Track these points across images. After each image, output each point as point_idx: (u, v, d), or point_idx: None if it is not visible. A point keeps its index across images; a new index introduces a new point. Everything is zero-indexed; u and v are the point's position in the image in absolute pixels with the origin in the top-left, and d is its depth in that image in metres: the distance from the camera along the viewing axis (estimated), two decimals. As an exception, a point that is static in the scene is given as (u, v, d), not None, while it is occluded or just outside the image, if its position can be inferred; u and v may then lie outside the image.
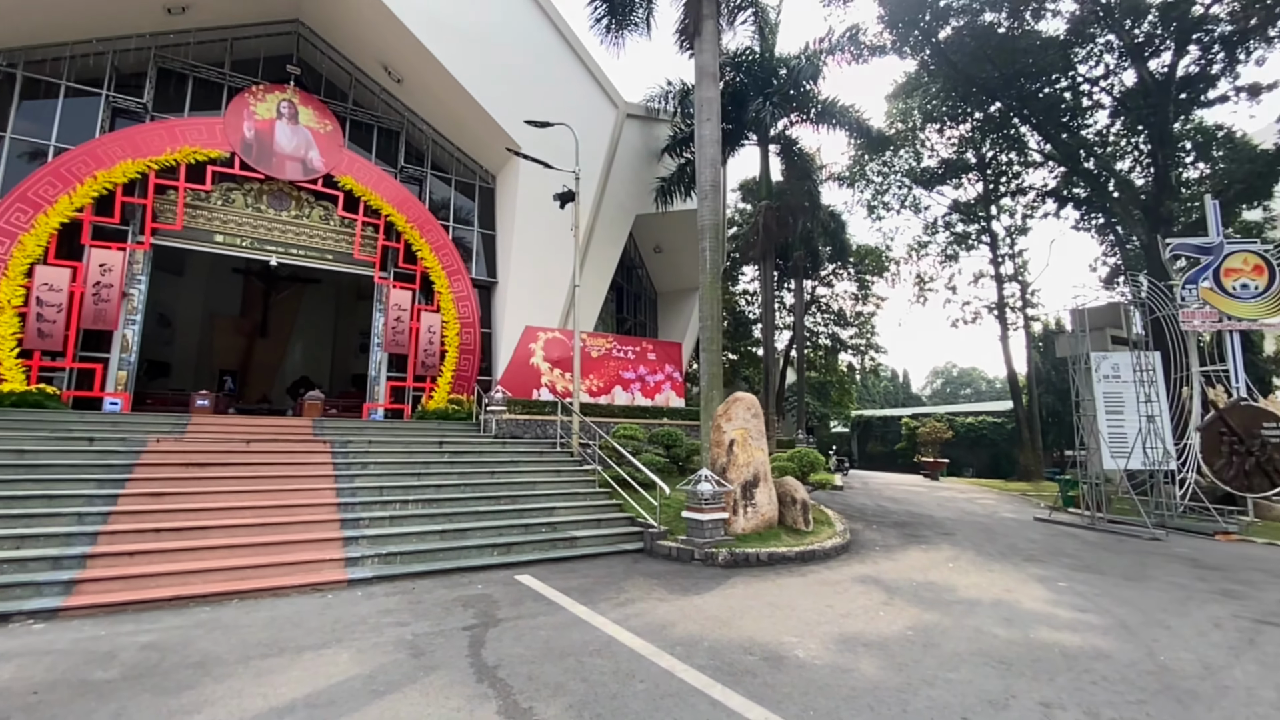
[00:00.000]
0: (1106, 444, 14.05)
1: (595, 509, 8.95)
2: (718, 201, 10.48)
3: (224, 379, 24.05)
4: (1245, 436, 13.28)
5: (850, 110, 22.85)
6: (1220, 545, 10.05)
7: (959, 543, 8.92)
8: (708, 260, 10.46)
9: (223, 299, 24.60)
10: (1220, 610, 5.85)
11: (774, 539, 7.94)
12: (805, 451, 9.67)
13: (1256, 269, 13.78)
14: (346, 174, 19.34)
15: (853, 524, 9.96)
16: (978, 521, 11.41)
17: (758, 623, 5.22)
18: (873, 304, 43.08)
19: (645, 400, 18.60)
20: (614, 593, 6.11)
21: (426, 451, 9.87)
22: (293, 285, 25.80)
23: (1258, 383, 31.02)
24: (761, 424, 8.49)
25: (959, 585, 6.57)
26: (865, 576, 6.88)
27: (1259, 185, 16.13)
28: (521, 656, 4.37)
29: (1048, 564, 7.72)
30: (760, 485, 8.27)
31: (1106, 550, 8.87)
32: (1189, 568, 7.78)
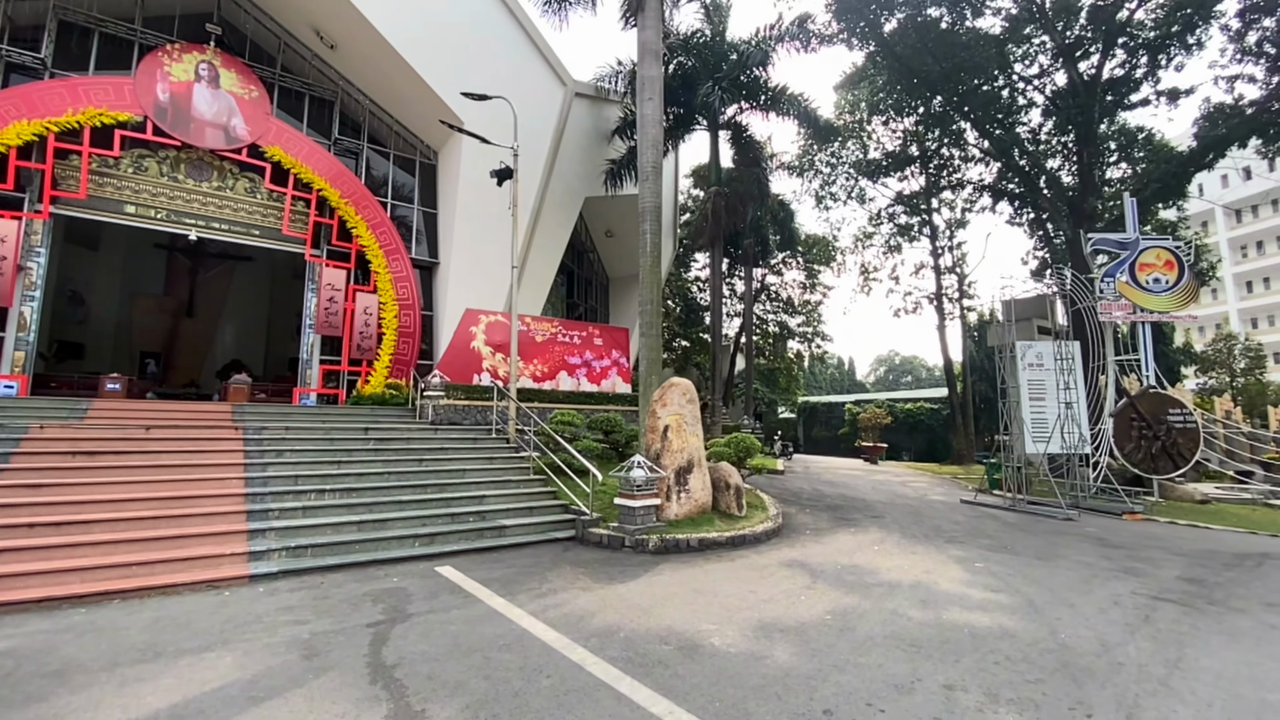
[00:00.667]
0: (1029, 429, 14.71)
1: (528, 497, 8.72)
2: (659, 184, 10.29)
3: (146, 361, 22.52)
4: (1153, 422, 14.12)
5: (799, 99, 22.97)
6: (1127, 524, 10.65)
7: (887, 525, 9.13)
8: (648, 243, 10.28)
9: (144, 276, 22.93)
10: (1121, 588, 6.13)
11: (707, 524, 7.91)
12: (742, 436, 9.68)
13: (1168, 264, 14.59)
14: (274, 144, 18.25)
15: (787, 508, 10.07)
16: (907, 504, 11.74)
17: (679, 611, 5.13)
18: (820, 293, 44.01)
19: (591, 386, 18.38)
20: (537, 583, 5.93)
21: (350, 439, 9.40)
22: (223, 263, 24.25)
23: (1168, 372, 33.31)
24: (697, 409, 8.42)
25: (882, 568, 6.68)
26: (792, 560, 6.91)
27: (1173, 185, 17.08)
28: (425, 654, 4.14)
29: (967, 545, 7.97)
30: (694, 471, 8.21)
31: (1023, 531, 9.25)
32: (1096, 547, 8.18)
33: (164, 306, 23.27)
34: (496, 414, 11.65)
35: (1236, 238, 55.49)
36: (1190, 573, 6.87)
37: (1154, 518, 11.39)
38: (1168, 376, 31.85)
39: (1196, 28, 18.91)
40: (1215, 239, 55.34)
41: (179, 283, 23.54)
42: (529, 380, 17.27)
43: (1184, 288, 14.49)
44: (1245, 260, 54.82)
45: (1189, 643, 4.60)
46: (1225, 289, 55.12)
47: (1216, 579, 6.62)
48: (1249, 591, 6.12)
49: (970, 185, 24.64)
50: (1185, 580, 6.50)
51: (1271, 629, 4.97)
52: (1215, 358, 31.77)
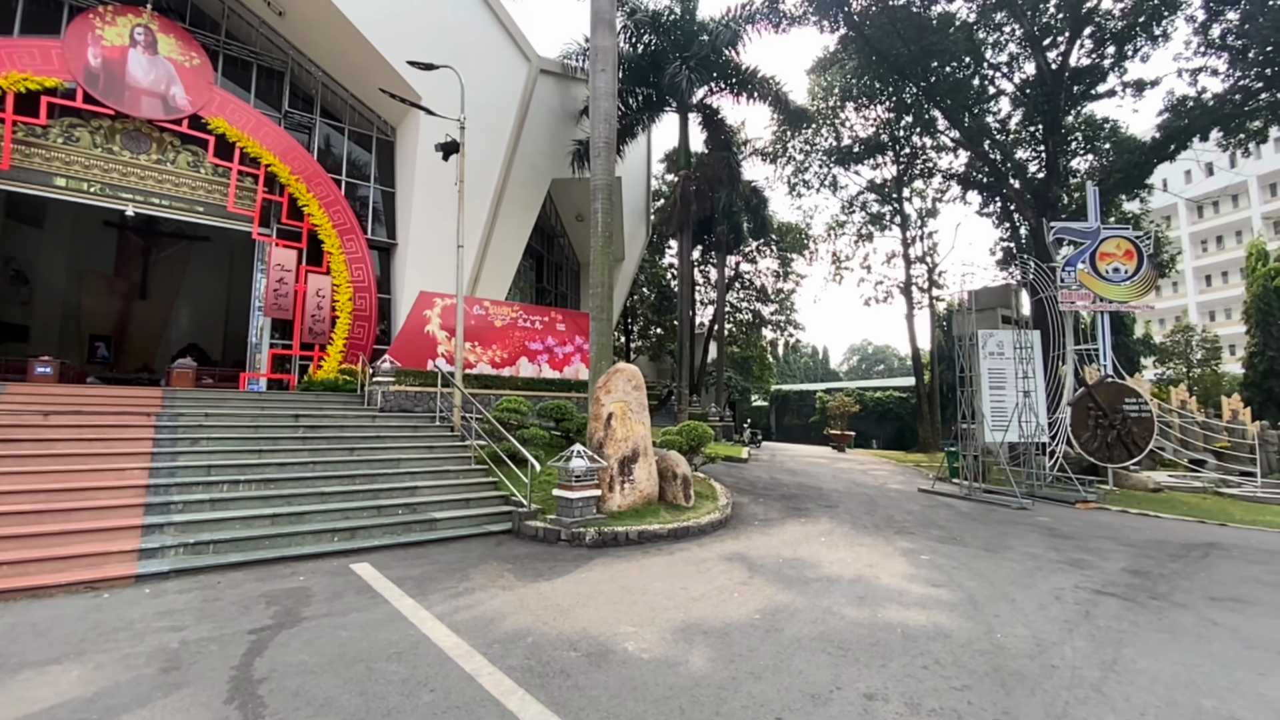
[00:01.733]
0: (989, 418, 14.69)
1: (467, 488, 8.30)
2: (611, 160, 9.84)
3: (96, 345, 21.47)
4: (1109, 411, 14.18)
5: (771, 82, 22.58)
6: (1079, 513, 10.62)
7: (838, 515, 8.92)
8: (599, 223, 9.84)
9: (94, 255, 21.79)
10: (1065, 581, 5.95)
11: (651, 516, 7.59)
12: (694, 425, 9.36)
13: (1128, 254, 14.60)
14: (218, 115, 17.32)
15: (740, 498, 9.81)
16: (864, 493, 11.59)
17: (600, 611, 4.79)
18: (793, 281, 43.94)
19: (553, 373, 17.91)
20: (456, 581, 5.53)
21: (279, 426, 8.84)
22: (178, 242, 23.16)
23: (1128, 363, 33.93)
24: (644, 396, 8.06)
25: (825, 561, 6.43)
26: (734, 554, 6.62)
27: (1135, 175, 17.12)
28: (301, 666, 3.72)
29: (917, 536, 7.77)
30: (640, 460, 7.86)
31: (975, 521, 9.12)
32: (1045, 537, 8.06)
33: (114, 288, 22.19)
34: (439, 400, 11.14)
35: (1198, 232, 56.82)
36: (1136, 564, 6.75)
37: (1106, 506, 11.41)
38: (1128, 367, 32.46)
39: (1163, 18, 18.93)
40: (1178, 233, 56.64)
41: (131, 263, 22.45)
42: (488, 366, 16.74)
43: (1142, 278, 14.53)
44: (1205, 255, 56.21)
45: (1127, 642, 4.39)
46: (1185, 282, 56.52)
47: (1161, 571, 6.50)
48: (1193, 584, 6.00)
49: (940, 174, 24.54)
50: (1130, 573, 6.36)
51: (1212, 625, 4.81)
52: (1173, 349, 32.48)
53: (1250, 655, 4.21)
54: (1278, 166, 51.67)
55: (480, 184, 20.35)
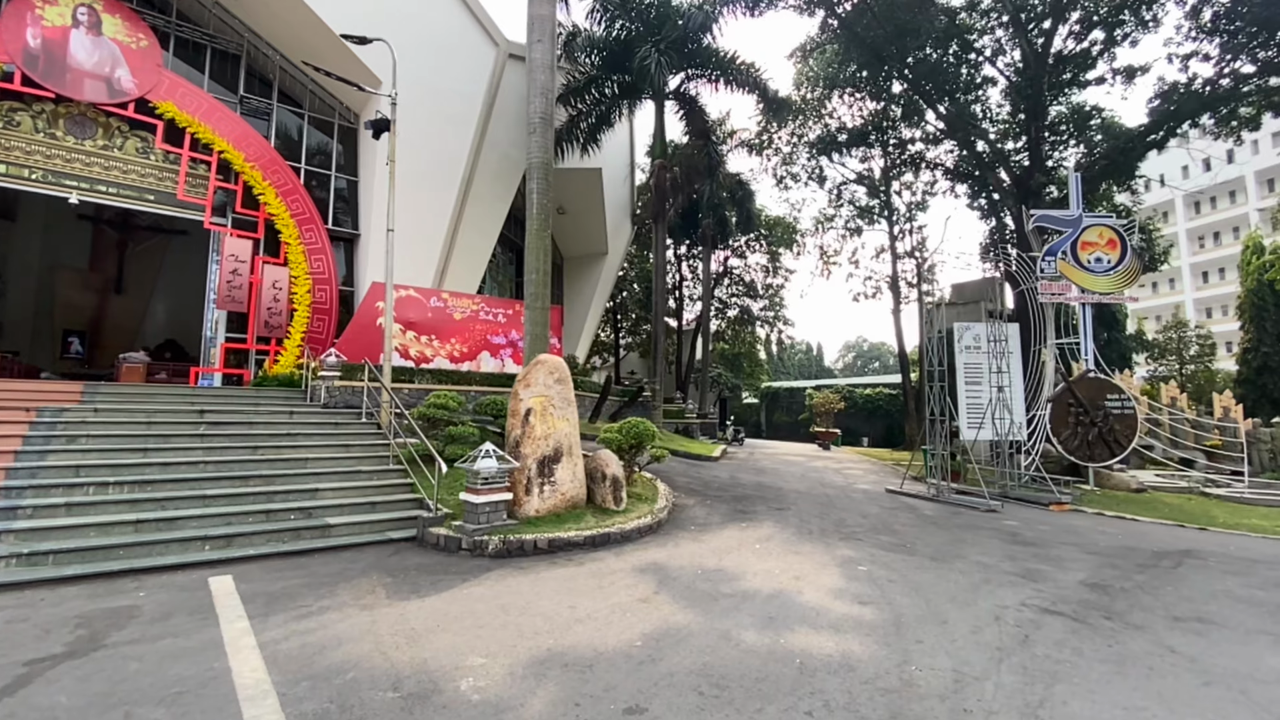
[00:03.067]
0: (965, 414, 14.04)
1: (378, 490, 7.63)
2: (547, 136, 9.15)
3: (70, 340, 20.89)
4: (1090, 408, 13.52)
5: (751, 69, 21.86)
6: (1051, 516, 9.97)
7: (787, 519, 8.26)
8: (534, 204, 9.16)
9: (67, 249, 21.21)
10: (1012, 596, 5.29)
11: (573, 521, 6.92)
12: (636, 422, 8.69)
13: (1110, 243, 13.92)
14: (166, 99, 16.64)
15: (686, 500, 9.15)
16: (827, 494, 10.93)
17: (458, 637, 4.12)
18: (782, 276, 43.26)
19: (517, 367, 17.19)
20: (315, 598, 4.86)
21: (179, 422, 8.17)
22: (156, 236, 22.62)
23: (1120, 359, 33.26)
24: (569, 390, 7.39)
25: (749, 572, 5.77)
26: (651, 564, 5.96)
27: (1122, 162, 16.43)
28: (50, 709, 3.06)
29: (863, 543, 7.11)
30: (563, 461, 7.19)
31: (934, 525, 8.45)
32: (1005, 543, 7.39)
33: (89, 282, 21.67)
34: (368, 395, 10.47)
35: (1195, 228, 56.11)
36: (1098, 575, 6.09)
37: (1081, 508, 10.75)
38: (1120, 364, 31.82)
39: (1154, 1, 18.23)
40: (1174, 229, 55.95)
41: (106, 256, 21.91)
42: (446, 361, 16.06)
43: (1126, 269, 13.86)
44: (1202, 251, 55.50)
45: (1064, 676, 3.73)
46: (1182, 279, 55.86)
47: (1124, 584, 5.84)
48: (1156, 601, 5.34)
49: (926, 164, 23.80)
50: (1089, 586, 5.70)
51: (1169, 654, 4.15)
52: (1167, 345, 31.83)
53: (1207, 695, 3.55)
54: (1275, 161, 51.01)
55: (446, 173, 19.67)
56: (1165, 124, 16.10)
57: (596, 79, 22.38)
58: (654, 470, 11.13)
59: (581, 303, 35.60)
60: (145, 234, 22.11)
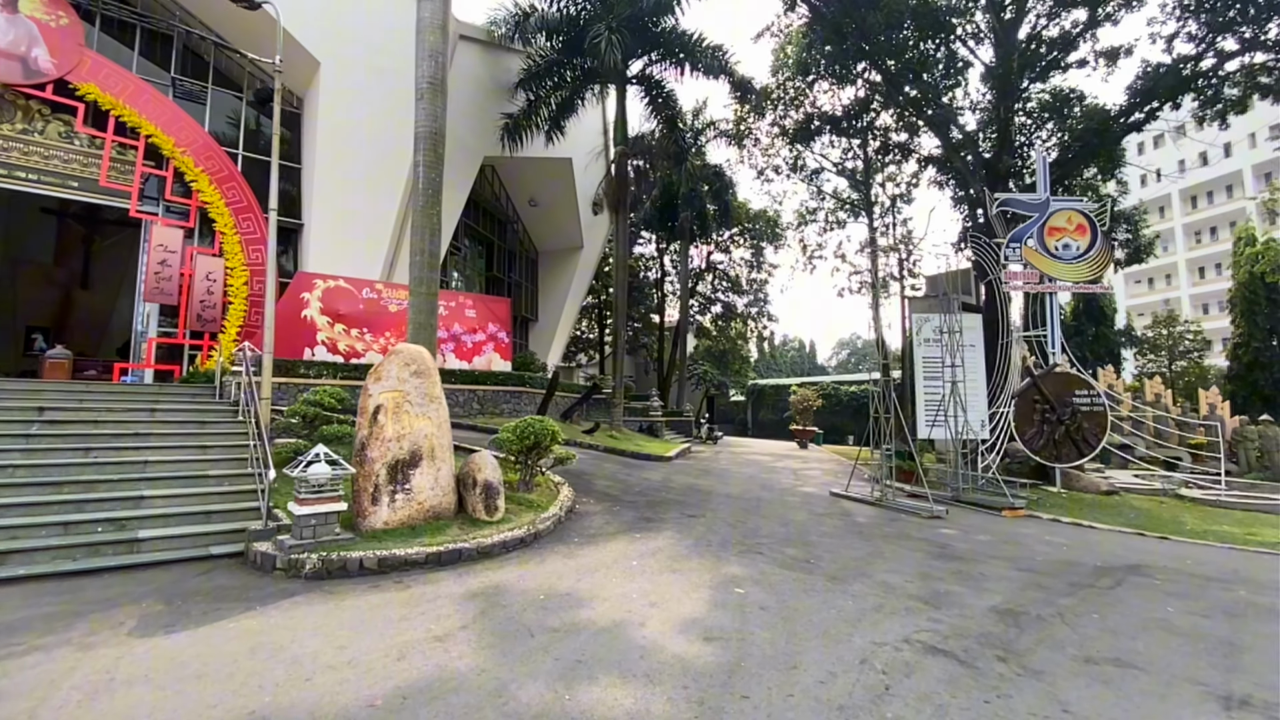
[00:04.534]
0: (923, 412, 13.17)
1: (224, 497, 6.76)
2: (437, 104, 8.26)
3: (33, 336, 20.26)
4: (1057, 404, 12.64)
5: (718, 52, 20.95)
6: (1001, 523, 9.08)
7: (693, 528, 7.37)
8: (422, 178, 8.29)
9: (31, 243, 20.44)
10: (898, 629, 4.41)
11: (429, 535, 6.05)
12: (531, 421, 7.81)
13: (1080, 229, 13.00)
14: (89, 80, 15.79)
15: (592, 506, 8.26)
16: (761, 498, 10.04)
17: (154, 693, 3.23)
18: (766, 271, 42.38)
19: (460, 363, 16.36)
20: (41, 633, 3.98)
21: (7, 420, 7.30)
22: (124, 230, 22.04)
23: (1109, 355, 32.33)
24: (431, 384, 6.50)
25: (601, 596, 4.89)
26: (490, 588, 5.08)
27: (1096, 143, 15.48)
28: None
29: (763, 557, 6.23)
30: (422, 466, 6.32)
31: (859, 535, 7.56)
32: (927, 558, 6.51)
33: (53, 277, 20.97)
34: (246, 392, 9.58)
35: (1192, 223, 55.11)
36: (1018, 599, 5.21)
37: (1037, 514, 9.86)
38: (1108, 360, 30.93)
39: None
40: (1171, 224, 54.99)
41: (72, 251, 21.23)
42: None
43: (1096, 255, 12.93)
44: (1199, 246, 54.50)
45: (906, 751, 2.86)
46: (1179, 274, 54.92)
47: (1044, 610, 4.96)
48: (1073, 634, 4.45)
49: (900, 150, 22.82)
50: (999, 614, 4.82)
51: (1060, 715, 3.26)
52: (1156, 341, 30.92)
53: (1083, 781, 2.67)
54: (1272, 155, 49.97)
55: (393, 161, 18.75)
56: (1143, 104, 15.17)
57: (557, 63, 21.46)
58: (574, 473, 10.27)
59: (556, 298, 34.70)
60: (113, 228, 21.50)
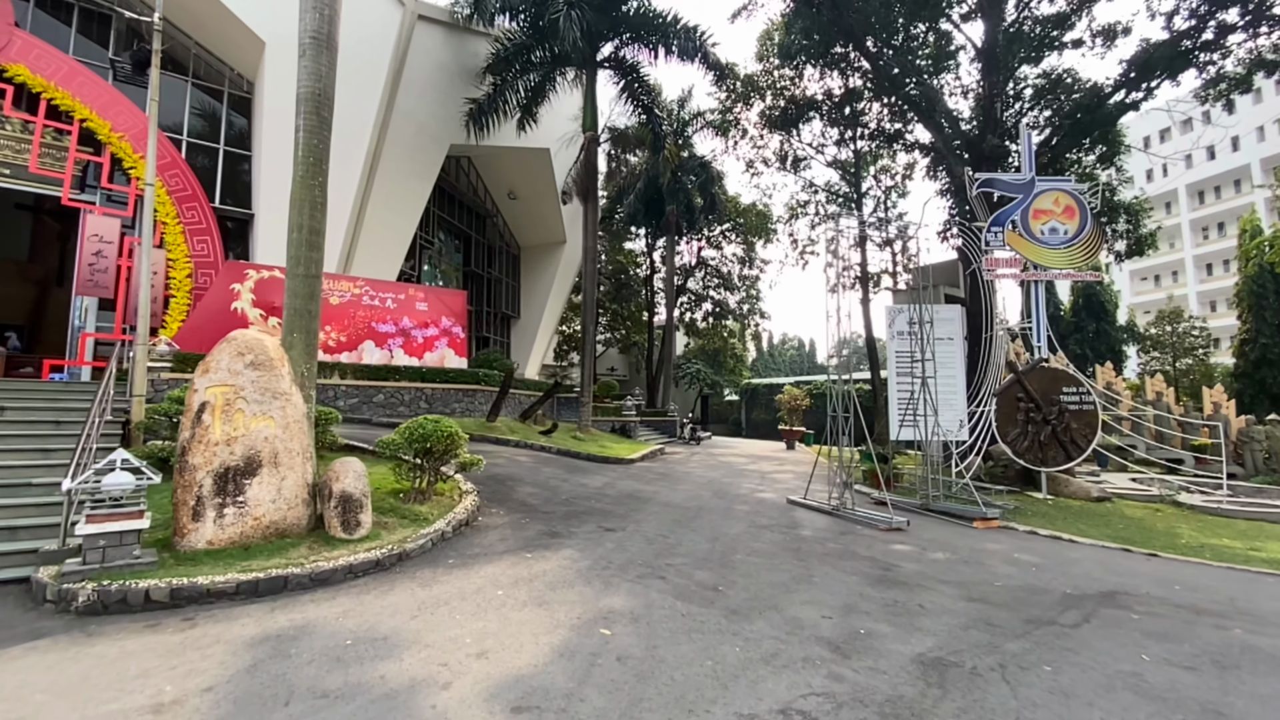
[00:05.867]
0: (894, 410, 12.13)
1: (42, 509, 5.80)
2: (321, 62, 7.28)
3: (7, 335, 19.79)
4: (1043, 403, 11.55)
5: (692, 33, 19.94)
6: (970, 536, 8.02)
7: (598, 545, 6.34)
8: (301, 144, 7.32)
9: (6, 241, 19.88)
10: (780, 693, 3.37)
11: (263, 556, 5.07)
12: (421, 421, 6.82)
13: (1068, 211, 11.90)
14: (17, 61, 15.01)
15: (497, 518, 7.24)
16: (703, 506, 8.99)
17: None
18: (757, 268, 41.28)
19: (409, 359, 15.37)
20: None
21: None
22: None
23: (1110, 353, 31.07)
24: (274, 378, 5.52)
25: (424, 641, 3.88)
26: (292, 629, 4.08)
27: (1087, 122, 14.33)
28: None
29: (664, 583, 5.20)
30: (262, 474, 5.33)
31: (794, 553, 6.52)
32: (862, 583, 5.46)
33: (27, 274, 20.38)
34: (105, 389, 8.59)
35: (1199, 219, 53.72)
36: (955, 644, 4.17)
37: (1013, 525, 8.78)
38: (1110, 357, 29.63)
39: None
40: (1178, 220, 53.60)
41: (47, 248, 20.63)
42: (320, 352, 14.21)
43: (1085, 240, 11.82)
44: (1207, 242, 53.11)
45: None
46: (1186, 271, 53.54)
47: (985, 659, 3.92)
48: (1011, 699, 3.41)
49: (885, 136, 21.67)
50: (925, 666, 3.79)
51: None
52: (1160, 338, 29.65)
53: None
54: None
55: (348, 147, 17.77)
56: (1140, 79, 14.04)
57: (525, 46, 20.48)
58: (500, 478, 9.27)
59: (539, 295, 33.78)
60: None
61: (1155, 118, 48.42)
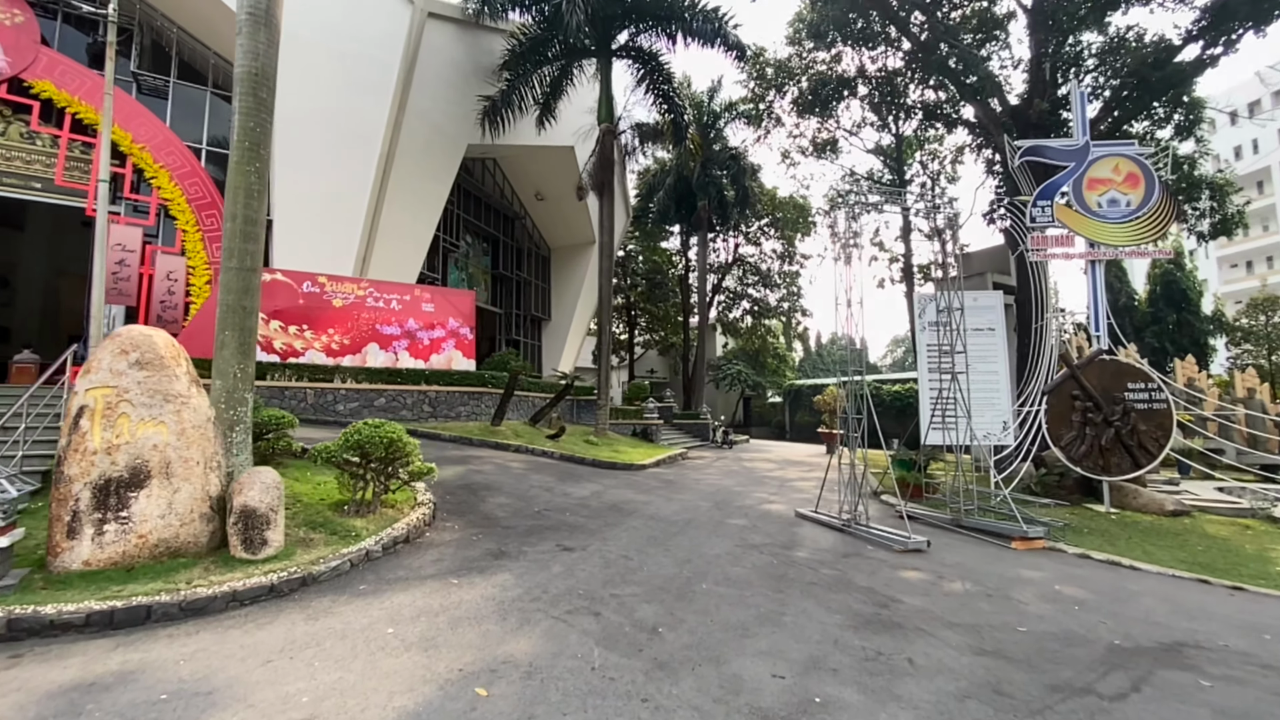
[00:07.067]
0: (927, 410, 10.79)
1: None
2: (258, 40, 6.78)
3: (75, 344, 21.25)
4: (1104, 401, 9.99)
5: (711, 16, 18.94)
6: (1003, 559, 6.74)
7: (544, 568, 5.48)
8: (237, 126, 6.84)
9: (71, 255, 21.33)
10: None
11: (148, 579, 4.48)
12: (361, 426, 6.17)
13: (1131, 179, 10.26)
14: (44, 78, 15.53)
15: (450, 533, 6.48)
16: (697, 519, 7.99)
17: None
18: (797, 263, 39.64)
19: (415, 361, 14.97)
20: None
21: None
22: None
23: (1194, 345, 27.96)
24: (167, 378, 4.93)
25: (249, 700, 3.14)
26: (109, 675, 3.39)
27: (1156, 83, 12.44)
28: None
29: (592, 623, 4.30)
30: (152, 486, 4.75)
31: (773, 582, 5.47)
32: (843, 625, 4.39)
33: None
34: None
35: (1299, 197, 48.32)
36: (943, 721, 3.11)
37: (1061, 545, 7.40)
38: (1194, 351, 26.60)
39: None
40: (1272, 200, 48.49)
41: None
42: (321, 354, 13.97)
43: (1153, 213, 10.15)
44: (1307, 221, 47.76)
45: None
46: (1284, 256, 48.30)
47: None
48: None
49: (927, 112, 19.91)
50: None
51: None
52: (1252, 329, 26.44)
53: None
54: (1401, 109, 43.11)
55: (360, 148, 17.70)
56: (1211, 31, 12.12)
57: (540, 40, 19.97)
58: (474, 486, 8.57)
59: (570, 296, 33.29)
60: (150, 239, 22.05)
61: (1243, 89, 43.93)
